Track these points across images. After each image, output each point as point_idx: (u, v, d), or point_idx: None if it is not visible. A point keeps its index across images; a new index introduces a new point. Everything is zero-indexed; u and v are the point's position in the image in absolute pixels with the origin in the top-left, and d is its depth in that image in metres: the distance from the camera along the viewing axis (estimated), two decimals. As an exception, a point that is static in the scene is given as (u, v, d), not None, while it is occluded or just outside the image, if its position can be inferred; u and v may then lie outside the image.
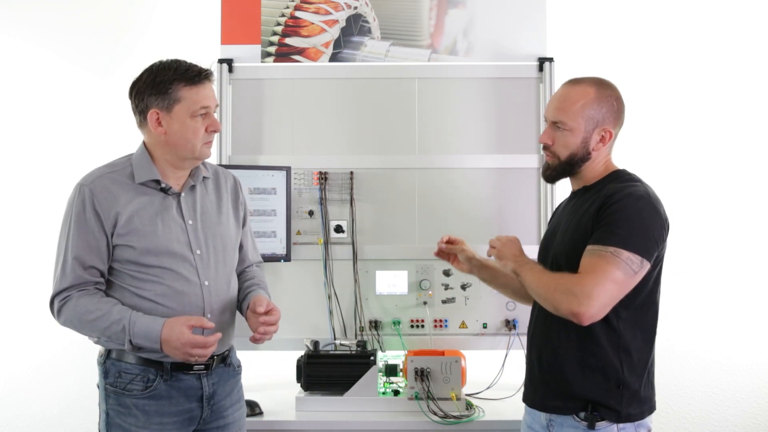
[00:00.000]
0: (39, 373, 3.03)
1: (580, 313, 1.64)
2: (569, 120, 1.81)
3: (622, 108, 1.85)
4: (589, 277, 1.65)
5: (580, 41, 3.02)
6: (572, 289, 1.66)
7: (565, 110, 1.82)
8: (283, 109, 2.82)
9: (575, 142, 1.81)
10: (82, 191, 1.82)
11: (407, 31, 2.83)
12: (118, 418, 1.82)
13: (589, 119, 1.80)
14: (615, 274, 1.64)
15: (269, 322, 1.88)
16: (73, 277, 1.79)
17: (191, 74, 1.83)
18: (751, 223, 3.03)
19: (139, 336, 1.75)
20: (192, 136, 1.84)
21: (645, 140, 3.03)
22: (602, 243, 1.68)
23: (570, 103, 1.82)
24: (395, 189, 2.80)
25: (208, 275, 1.88)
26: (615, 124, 1.83)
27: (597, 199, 1.78)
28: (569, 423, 1.77)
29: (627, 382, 1.74)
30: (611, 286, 1.64)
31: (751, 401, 3.03)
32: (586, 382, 1.75)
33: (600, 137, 1.81)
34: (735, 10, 3.07)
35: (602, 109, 1.81)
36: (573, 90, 1.84)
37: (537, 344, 1.87)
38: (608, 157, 1.89)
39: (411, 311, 2.77)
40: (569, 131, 1.81)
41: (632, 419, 1.74)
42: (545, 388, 1.83)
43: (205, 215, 1.93)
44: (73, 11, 3.09)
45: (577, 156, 1.83)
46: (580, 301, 1.64)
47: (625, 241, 1.66)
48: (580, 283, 1.65)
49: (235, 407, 1.98)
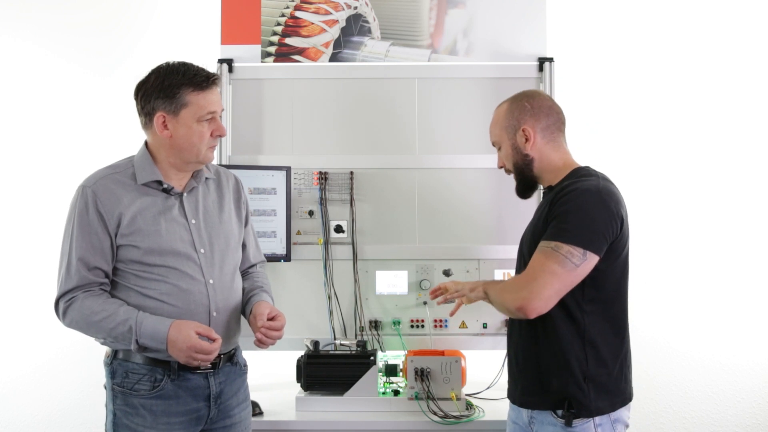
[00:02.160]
0: (40, 373, 3.03)
1: (523, 307, 1.76)
2: (495, 135, 2.02)
3: (536, 107, 1.95)
4: (529, 273, 1.78)
5: (580, 41, 3.02)
6: (514, 286, 1.81)
7: (491, 132, 2.04)
8: (283, 109, 2.81)
9: (508, 151, 1.98)
10: (85, 192, 1.82)
11: (407, 31, 2.83)
12: (125, 418, 1.82)
13: (507, 128, 1.97)
14: (553, 268, 1.73)
15: (274, 328, 1.89)
16: (78, 278, 1.80)
17: (199, 79, 1.84)
18: (751, 223, 3.03)
19: (145, 336, 1.75)
20: (197, 141, 1.86)
21: (645, 140, 3.04)
22: (546, 239, 1.78)
23: (492, 124, 2.04)
24: (395, 189, 2.80)
25: (212, 274, 1.89)
26: (535, 121, 1.94)
27: (553, 197, 1.85)
28: (549, 420, 1.81)
29: (592, 375, 1.79)
30: (551, 279, 1.73)
31: (751, 401, 3.03)
32: (555, 377, 1.81)
33: (524, 138, 1.94)
34: (735, 10, 3.07)
35: (514, 113, 1.96)
36: (494, 114, 2.05)
37: (514, 342, 1.95)
38: (562, 153, 1.95)
39: (411, 311, 2.77)
40: (501, 146, 2.01)
41: (602, 412, 1.79)
42: (523, 384, 1.89)
43: (208, 215, 1.94)
44: (73, 11, 3.09)
45: (519, 163, 1.96)
46: (522, 296, 1.76)
47: (566, 235, 1.75)
48: (522, 280, 1.79)
49: (241, 406, 1.99)
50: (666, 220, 3.01)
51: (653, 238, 2.99)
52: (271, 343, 1.90)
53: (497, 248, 2.76)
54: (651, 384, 2.98)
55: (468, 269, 2.77)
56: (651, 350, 3.00)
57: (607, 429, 1.79)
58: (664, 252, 2.99)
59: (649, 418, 3.01)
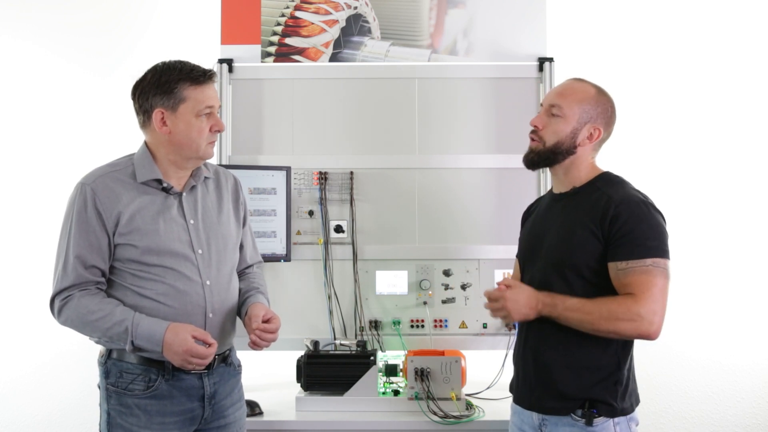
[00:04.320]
0: (41, 373, 3.03)
1: (651, 332, 1.72)
2: (566, 106, 1.86)
3: (614, 116, 1.91)
4: (647, 296, 1.71)
5: (580, 41, 3.02)
6: (637, 312, 1.70)
7: (565, 96, 1.87)
8: (283, 109, 2.81)
9: (565, 130, 1.85)
10: (84, 190, 1.81)
11: (407, 31, 2.83)
12: (119, 418, 1.82)
13: (584, 112, 1.85)
14: (664, 285, 1.74)
15: (268, 330, 1.89)
16: (74, 276, 1.79)
17: (196, 74, 1.84)
18: (751, 223, 3.03)
19: (141, 338, 1.75)
20: (197, 136, 1.85)
21: (645, 140, 3.03)
22: (639, 257, 1.73)
23: (571, 92, 1.88)
24: (395, 189, 2.79)
25: (209, 275, 1.89)
26: (606, 127, 1.88)
27: (596, 204, 1.80)
28: (565, 422, 1.79)
29: (621, 378, 1.79)
30: (664, 296, 1.74)
31: (751, 401, 3.03)
32: (584, 382, 1.77)
33: (589, 134, 1.86)
34: (734, 10, 3.07)
35: (598, 108, 1.86)
36: (576, 84, 1.91)
37: (532, 345, 1.87)
38: (593, 160, 1.92)
39: (411, 311, 2.77)
40: (562, 118, 1.86)
41: (625, 413, 1.78)
42: (542, 389, 1.83)
43: (206, 215, 1.94)
44: (73, 11, 3.09)
45: (563, 146, 1.86)
46: (649, 321, 1.70)
47: (658, 250, 1.76)
48: (643, 305, 1.71)
49: (235, 407, 1.99)
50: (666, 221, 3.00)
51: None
52: (266, 345, 1.90)
53: (497, 248, 2.76)
54: (651, 384, 2.98)
55: (468, 269, 2.77)
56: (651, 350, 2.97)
57: (623, 427, 1.78)
58: (664, 252, 2.99)
59: (649, 418, 3.01)
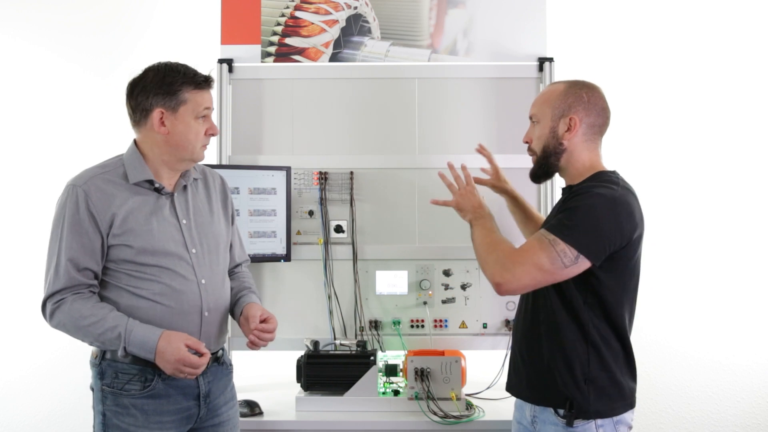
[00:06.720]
0: (40, 373, 3.03)
1: (498, 284, 1.77)
2: (539, 111, 1.92)
3: (595, 102, 1.89)
4: (520, 255, 1.77)
5: (580, 41, 3.02)
6: (502, 260, 1.78)
7: (537, 104, 1.95)
8: (283, 109, 2.81)
9: (544, 131, 1.90)
10: (75, 192, 1.81)
11: (407, 31, 2.83)
12: (116, 418, 1.82)
13: (555, 109, 1.88)
14: (542, 261, 1.72)
15: (266, 330, 1.92)
16: (66, 278, 1.78)
17: (199, 79, 1.88)
18: (751, 223, 3.03)
19: (134, 345, 1.75)
20: (194, 138, 1.88)
21: (645, 139, 3.04)
22: (549, 229, 1.76)
23: (541, 97, 1.95)
24: (395, 189, 2.79)
25: (204, 273, 1.90)
26: (586, 114, 1.87)
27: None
28: (551, 420, 1.81)
29: (593, 377, 1.78)
30: (535, 270, 1.73)
31: (751, 401, 3.03)
32: (558, 376, 1.80)
33: (567, 126, 1.86)
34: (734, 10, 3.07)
35: (568, 99, 1.88)
36: (547, 88, 1.98)
37: (519, 337, 1.94)
38: (593, 155, 1.90)
39: (411, 311, 2.77)
40: (539, 122, 1.92)
41: (601, 415, 1.78)
42: (527, 379, 1.89)
43: (198, 215, 1.95)
44: (72, 11, 3.09)
45: (549, 147, 1.89)
46: (502, 274, 1.76)
47: (567, 232, 1.73)
48: (511, 258, 1.77)
49: (228, 405, 2.00)
50: (666, 221, 3.00)
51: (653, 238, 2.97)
52: (264, 345, 1.93)
53: (497, 248, 2.75)
54: (651, 384, 2.98)
55: (468, 269, 2.77)
56: (651, 350, 3.00)
57: (609, 429, 1.78)
58: (664, 252, 2.99)
59: (649, 419, 3.01)
